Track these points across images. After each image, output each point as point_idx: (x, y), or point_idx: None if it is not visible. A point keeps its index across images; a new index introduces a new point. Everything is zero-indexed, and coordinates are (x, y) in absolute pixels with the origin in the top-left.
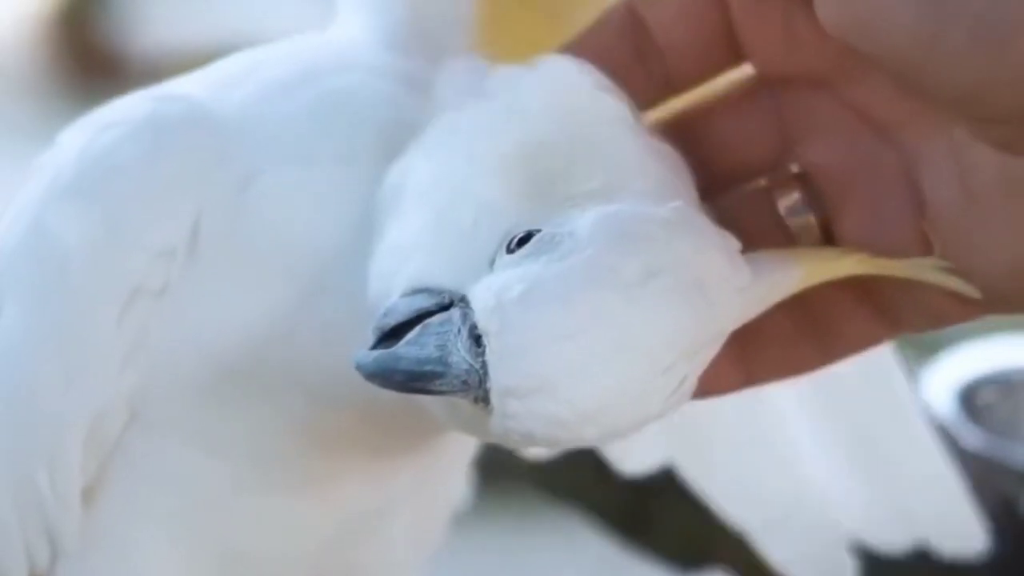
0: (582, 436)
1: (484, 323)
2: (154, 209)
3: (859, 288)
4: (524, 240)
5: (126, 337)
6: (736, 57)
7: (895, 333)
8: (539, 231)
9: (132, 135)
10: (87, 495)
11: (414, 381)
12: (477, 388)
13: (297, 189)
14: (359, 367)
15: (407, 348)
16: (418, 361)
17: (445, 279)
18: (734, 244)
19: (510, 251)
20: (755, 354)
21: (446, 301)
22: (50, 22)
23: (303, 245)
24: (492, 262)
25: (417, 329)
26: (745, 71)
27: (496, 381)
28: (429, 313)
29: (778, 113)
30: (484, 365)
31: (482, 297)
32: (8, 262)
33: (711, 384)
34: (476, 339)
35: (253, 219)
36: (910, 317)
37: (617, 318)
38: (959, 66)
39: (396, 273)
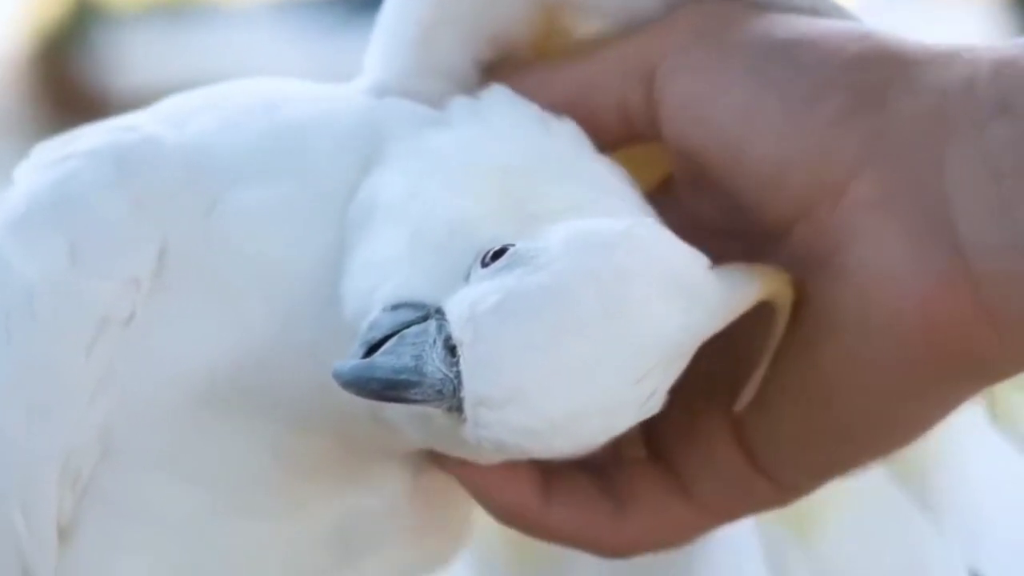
0: (552, 447)
1: (458, 333)
2: (118, 237)
3: (660, 454)
4: (498, 254)
5: (95, 369)
6: None
7: (697, 511)
8: (512, 246)
9: (92, 165)
10: (63, 532)
11: (389, 389)
12: (451, 397)
13: (262, 208)
14: (336, 376)
15: (383, 358)
16: (393, 370)
17: (424, 293)
18: (703, 257)
19: (484, 265)
20: (556, 498)
21: (426, 314)
22: (29, 62)
23: (272, 264)
24: (467, 276)
25: (393, 340)
26: None
27: (469, 390)
28: (409, 324)
29: None
30: (458, 375)
31: (456, 308)
32: None
33: (515, 516)
34: (451, 349)
35: (221, 242)
36: (709, 494)
37: (589, 328)
38: (769, 137)
39: (375, 288)
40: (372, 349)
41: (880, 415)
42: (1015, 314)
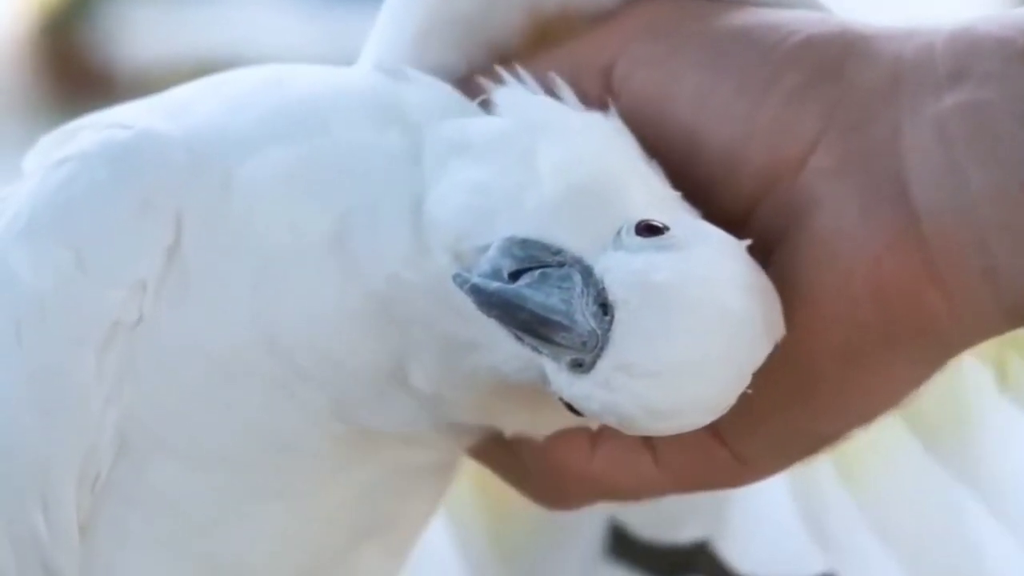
0: (658, 427)
1: (621, 295)
2: (122, 242)
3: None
4: (652, 229)
5: (108, 372)
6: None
7: (659, 468)
8: (662, 224)
9: (87, 168)
10: (81, 529)
11: (539, 325)
12: (590, 352)
13: (283, 169)
14: (477, 291)
15: (531, 291)
16: (544, 307)
17: (561, 238)
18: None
19: (639, 235)
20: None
21: (563, 260)
22: (35, 36)
23: (303, 224)
24: (614, 239)
25: (536, 275)
26: None
27: (617, 354)
28: (545, 265)
29: None
30: (606, 333)
31: (619, 271)
32: None
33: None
34: (602, 306)
35: (243, 212)
36: (672, 452)
37: (729, 327)
38: (727, 121)
39: (494, 212)
40: (487, 274)
41: (834, 381)
42: (962, 277)
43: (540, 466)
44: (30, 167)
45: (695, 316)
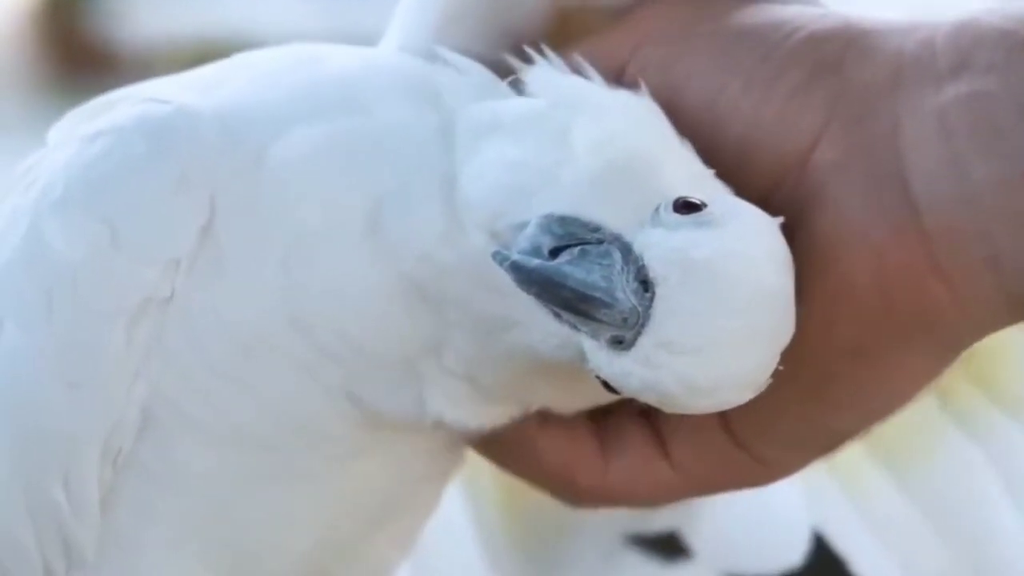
0: (695, 404)
1: (661, 271)
2: (157, 219)
3: (645, 411)
4: (690, 207)
5: (137, 348)
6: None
7: (675, 473)
8: (700, 201)
9: (123, 142)
10: (100, 504)
11: (581, 302)
12: (630, 328)
13: (315, 144)
14: (517, 269)
15: (572, 268)
16: (586, 284)
17: (599, 215)
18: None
19: (677, 212)
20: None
21: (601, 237)
22: (38, 16)
23: (335, 199)
24: (651, 216)
25: (576, 252)
26: None
27: (658, 330)
28: (584, 242)
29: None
30: (647, 311)
31: (659, 248)
32: (3, 278)
33: None
34: (642, 283)
35: (276, 187)
36: (688, 457)
37: (767, 304)
38: (734, 120)
39: (532, 191)
40: (526, 251)
41: (846, 377)
42: (965, 268)
43: (554, 484)
44: (57, 139)
45: (735, 293)
